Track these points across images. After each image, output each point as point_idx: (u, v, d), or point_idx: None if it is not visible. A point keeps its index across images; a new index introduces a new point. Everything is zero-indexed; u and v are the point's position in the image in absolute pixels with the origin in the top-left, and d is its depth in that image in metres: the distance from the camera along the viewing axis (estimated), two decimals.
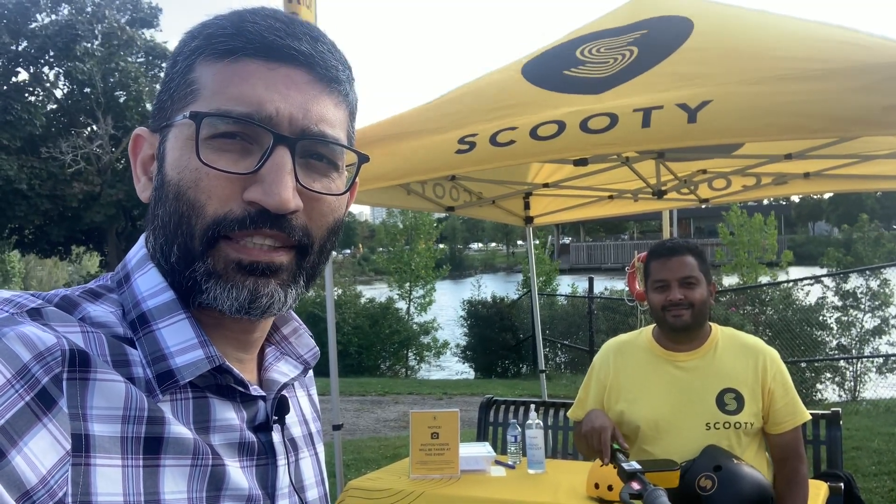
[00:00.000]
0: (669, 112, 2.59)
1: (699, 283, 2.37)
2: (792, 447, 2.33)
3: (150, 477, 0.65)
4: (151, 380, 0.68)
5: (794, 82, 2.54)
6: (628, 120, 2.62)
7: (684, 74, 2.82)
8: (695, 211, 43.31)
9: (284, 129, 0.70)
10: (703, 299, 2.36)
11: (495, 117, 3.01)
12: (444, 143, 2.99)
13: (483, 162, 2.90)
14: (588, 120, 2.69)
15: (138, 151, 0.78)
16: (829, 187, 4.78)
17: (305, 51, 0.72)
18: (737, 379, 2.30)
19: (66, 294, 0.71)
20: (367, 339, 14.55)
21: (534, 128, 2.78)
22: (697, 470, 2.16)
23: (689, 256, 2.39)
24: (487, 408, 4.51)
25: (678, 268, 2.37)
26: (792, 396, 2.32)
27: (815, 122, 2.43)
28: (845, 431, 4.67)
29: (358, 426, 8.59)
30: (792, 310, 10.06)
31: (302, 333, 0.88)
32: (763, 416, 2.30)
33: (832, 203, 58.53)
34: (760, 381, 2.29)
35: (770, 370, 2.31)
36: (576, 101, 2.93)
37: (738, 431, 2.26)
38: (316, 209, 0.73)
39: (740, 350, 2.36)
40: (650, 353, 2.44)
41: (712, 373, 2.33)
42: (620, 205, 5.36)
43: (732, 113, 2.54)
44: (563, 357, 13.63)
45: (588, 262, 41.55)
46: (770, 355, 2.35)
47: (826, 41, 2.75)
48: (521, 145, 2.77)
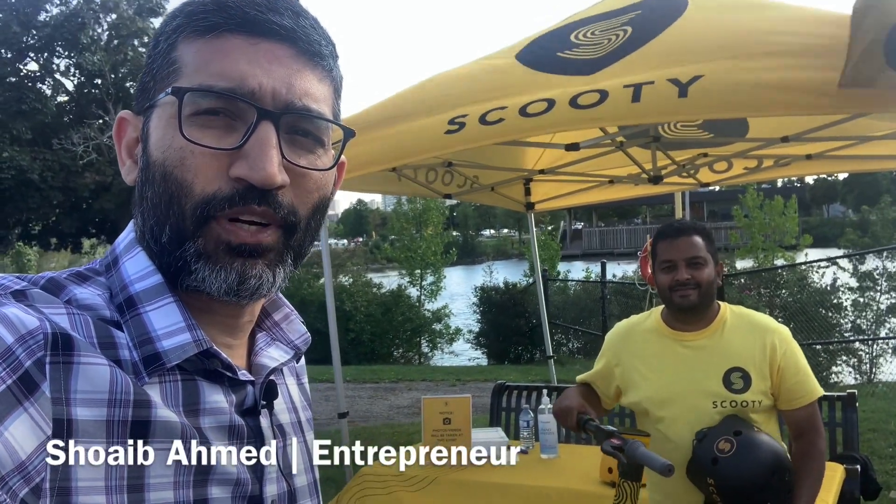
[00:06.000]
0: (660, 87, 2.57)
1: (706, 263, 2.37)
2: (808, 423, 2.33)
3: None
4: (138, 362, 0.67)
5: (786, 57, 2.51)
6: (618, 95, 2.61)
7: (676, 50, 2.81)
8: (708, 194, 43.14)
9: (268, 103, 0.69)
10: (710, 280, 2.37)
11: (487, 99, 2.99)
12: (435, 125, 2.98)
13: (472, 141, 2.88)
14: (578, 97, 2.68)
15: (122, 135, 0.77)
16: (831, 168, 4.77)
17: (288, 25, 0.71)
18: (744, 358, 2.31)
19: (52, 276, 0.70)
20: (380, 327, 14.56)
21: (523, 106, 2.77)
22: (717, 434, 2.19)
23: (697, 237, 2.40)
24: (500, 393, 4.50)
25: (685, 248, 2.37)
26: (803, 374, 2.31)
27: (807, 98, 2.40)
28: (861, 414, 4.64)
29: (371, 413, 8.61)
30: (807, 292, 9.98)
31: (293, 319, 0.88)
32: (773, 393, 2.30)
33: (847, 185, 58.07)
34: (769, 360, 2.29)
35: (780, 348, 2.30)
36: (568, 83, 2.90)
37: (744, 410, 2.27)
38: (302, 185, 0.72)
39: (749, 329, 2.36)
40: (658, 334, 2.45)
41: (719, 352, 2.34)
42: (622, 189, 5.37)
43: (724, 88, 2.52)
44: (577, 342, 13.60)
45: (601, 247, 41.41)
46: (779, 333, 2.35)
47: (818, 20, 2.71)
48: (510, 122, 2.76)
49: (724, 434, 2.17)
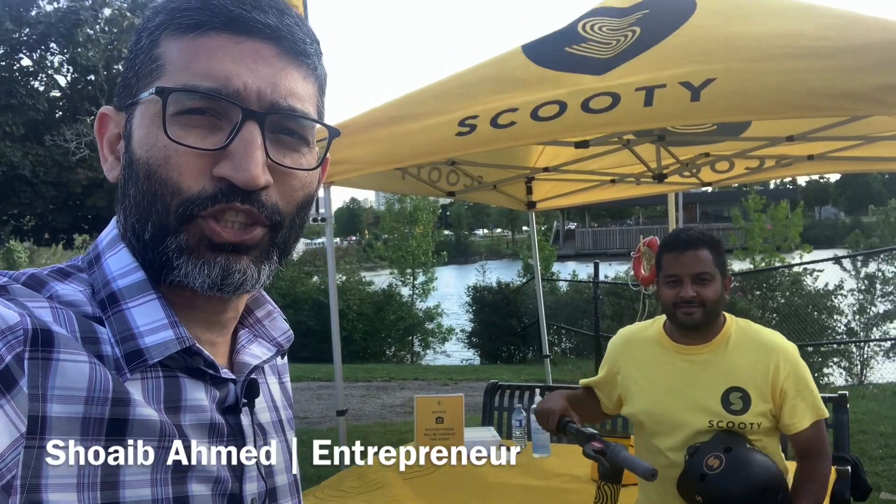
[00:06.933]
0: (672, 90, 2.55)
1: (713, 279, 2.23)
2: (811, 444, 2.22)
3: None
4: (120, 358, 0.67)
5: (800, 60, 2.49)
6: (630, 99, 2.58)
7: (687, 52, 2.79)
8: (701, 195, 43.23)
9: (253, 103, 0.69)
10: (716, 297, 2.23)
11: (496, 98, 2.96)
12: (445, 126, 2.95)
13: (484, 144, 2.87)
14: (590, 100, 2.65)
15: (104, 131, 0.76)
16: (833, 169, 4.75)
17: (272, 24, 0.71)
18: (745, 377, 2.20)
19: (34, 273, 0.69)
20: (372, 326, 14.55)
21: (535, 108, 2.74)
22: (707, 450, 2.11)
23: (705, 250, 2.25)
24: (492, 393, 4.49)
25: (692, 263, 2.22)
26: (806, 394, 2.20)
27: (822, 101, 2.39)
28: (852, 415, 4.64)
29: (364, 412, 8.60)
30: (800, 295, 10.01)
31: (276, 316, 0.87)
32: (774, 415, 2.21)
33: (839, 187, 58.34)
34: (771, 381, 2.18)
35: (783, 369, 2.18)
36: (578, 81, 2.88)
37: (742, 431, 2.18)
38: (287, 185, 0.72)
39: (753, 347, 2.24)
40: (659, 345, 2.34)
41: (720, 369, 2.23)
42: (623, 189, 5.35)
43: (737, 91, 2.49)
44: (569, 342, 13.61)
45: (594, 248, 41.48)
46: (785, 353, 2.22)
47: (831, 20, 2.70)
48: (522, 126, 2.74)
49: (715, 450, 2.10)
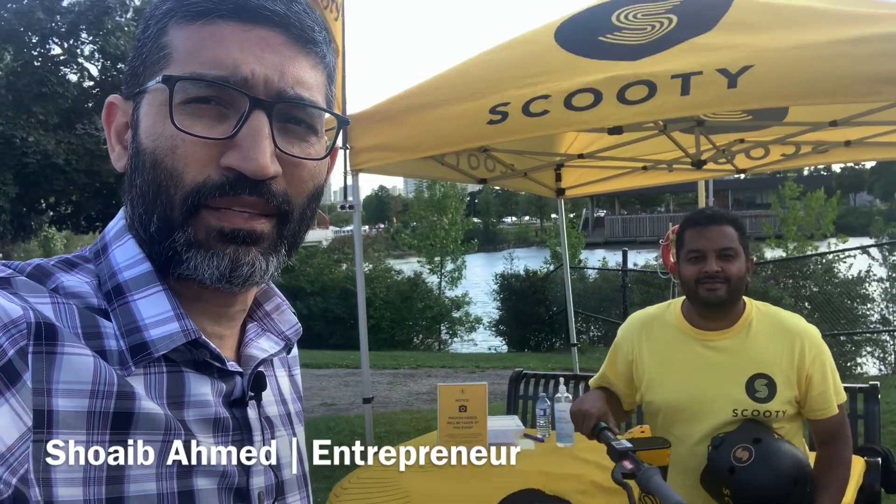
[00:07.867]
0: (709, 77, 2.50)
1: (738, 255, 2.17)
2: (834, 430, 2.18)
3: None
4: (125, 351, 0.66)
5: (838, 45, 2.44)
6: (667, 88, 2.54)
7: (725, 44, 2.72)
8: (733, 182, 42.71)
9: (260, 92, 0.68)
10: (740, 274, 2.17)
11: (527, 84, 2.92)
12: (475, 113, 2.92)
13: (516, 132, 2.84)
14: (625, 90, 2.60)
15: (112, 120, 0.76)
16: (870, 156, 4.65)
17: (280, 11, 0.70)
18: (770, 363, 2.13)
19: (39, 263, 0.69)
20: (399, 314, 14.59)
21: (568, 97, 2.70)
22: (734, 441, 2.05)
23: (729, 227, 2.19)
24: (517, 381, 4.49)
25: (717, 238, 2.17)
26: (831, 381, 2.15)
27: (859, 86, 2.33)
28: (884, 405, 4.57)
29: (391, 399, 8.64)
30: (833, 283, 9.83)
31: (284, 310, 0.87)
32: (800, 402, 2.15)
33: (874, 173, 57.20)
34: (797, 367, 2.12)
35: (809, 354, 2.12)
36: (612, 68, 2.82)
37: (767, 420, 2.12)
38: (295, 174, 0.71)
39: (777, 331, 2.18)
40: (677, 331, 2.26)
41: (744, 355, 2.16)
42: (654, 176, 5.27)
43: (774, 77, 2.45)
44: (596, 331, 13.54)
45: (623, 235, 41.17)
46: (810, 337, 2.16)
47: (867, 8, 2.64)
48: (555, 115, 2.70)
49: (743, 441, 2.03)
